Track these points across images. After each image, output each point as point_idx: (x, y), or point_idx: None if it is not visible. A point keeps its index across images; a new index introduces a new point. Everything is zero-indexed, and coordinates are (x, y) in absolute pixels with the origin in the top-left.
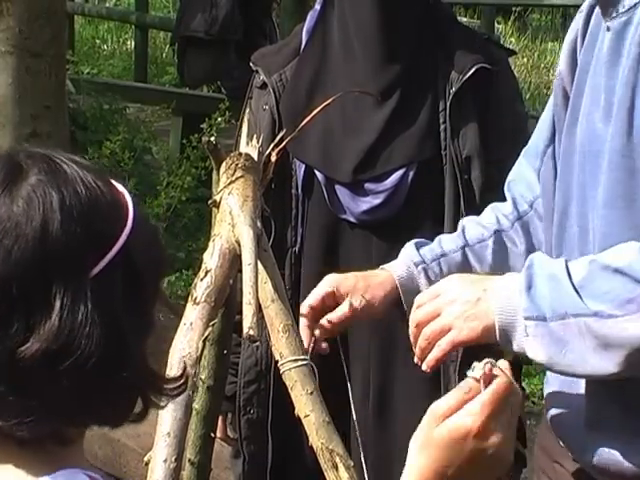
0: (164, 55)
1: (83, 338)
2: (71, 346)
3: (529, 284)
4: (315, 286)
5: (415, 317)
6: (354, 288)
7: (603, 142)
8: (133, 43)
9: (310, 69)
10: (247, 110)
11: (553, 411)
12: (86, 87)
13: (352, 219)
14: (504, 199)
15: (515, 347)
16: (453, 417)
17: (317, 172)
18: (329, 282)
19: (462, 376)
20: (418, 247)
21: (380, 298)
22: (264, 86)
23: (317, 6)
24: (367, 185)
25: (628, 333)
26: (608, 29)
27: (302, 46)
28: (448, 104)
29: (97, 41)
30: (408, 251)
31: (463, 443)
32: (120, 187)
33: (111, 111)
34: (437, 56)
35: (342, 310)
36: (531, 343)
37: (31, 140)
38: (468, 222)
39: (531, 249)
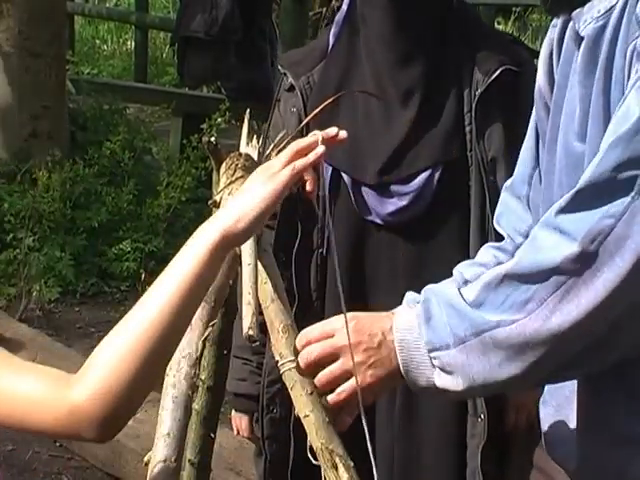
0: (164, 55)
1: None
2: None
3: (428, 316)
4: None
5: (306, 357)
6: None
7: (579, 159)
8: (133, 43)
9: (337, 71)
10: (274, 112)
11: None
12: (86, 87)
13: (378, 221)
14: None
15: (424, 383)
16: None
17: (344, 174)
18: None
19: None
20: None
21: None
22: (292, 89)
23: (344, 6)
24: (393, 187)
25: (533, 331)
26: (582, 38)
27: (329, 48)
28: (474, 105)
29: (97, 41)
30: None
31: None
32: None
33: (111, 111)
34: (462, 56)
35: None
36: (439, 375)
37: (31, 140)
38: (462, 266)
39: None
